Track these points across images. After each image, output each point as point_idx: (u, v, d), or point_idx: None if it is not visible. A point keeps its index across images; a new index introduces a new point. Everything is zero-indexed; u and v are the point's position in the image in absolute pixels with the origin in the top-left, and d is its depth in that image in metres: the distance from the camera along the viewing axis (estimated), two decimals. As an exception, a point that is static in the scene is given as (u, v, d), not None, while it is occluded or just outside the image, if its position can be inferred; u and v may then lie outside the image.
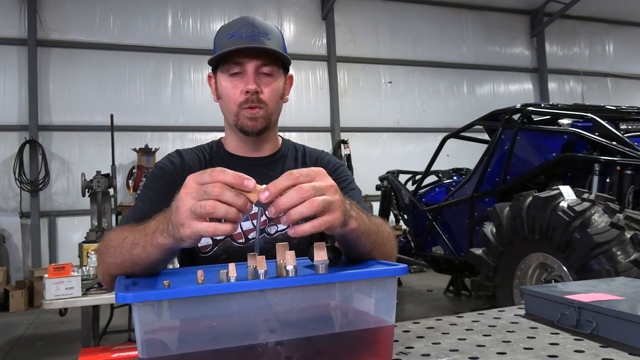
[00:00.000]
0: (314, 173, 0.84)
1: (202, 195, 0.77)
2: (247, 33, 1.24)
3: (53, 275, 3.04)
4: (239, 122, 1.28)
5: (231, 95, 1.27)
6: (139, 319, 0.73)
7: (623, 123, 4.26)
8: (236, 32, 1.25)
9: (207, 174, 0.79)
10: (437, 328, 1.11)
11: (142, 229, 0.93)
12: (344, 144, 10.19)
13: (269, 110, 1.29)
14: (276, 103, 1.32)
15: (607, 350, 0.91)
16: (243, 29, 1.25)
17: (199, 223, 0.78)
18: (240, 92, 1.26)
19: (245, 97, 1.26)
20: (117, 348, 3.12)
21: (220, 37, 1.29)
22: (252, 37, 1.23)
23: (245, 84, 1.25)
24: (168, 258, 0.94)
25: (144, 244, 0.91)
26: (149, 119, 9.63)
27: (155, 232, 0.88)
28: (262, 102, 1.27)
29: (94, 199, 5.72)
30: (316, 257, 0.83)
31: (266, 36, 1.26)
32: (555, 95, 12.84)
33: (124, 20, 9.68)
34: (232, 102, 1.28)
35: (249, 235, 1.28)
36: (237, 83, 1.27)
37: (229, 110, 1.30)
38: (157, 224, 0.89)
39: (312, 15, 11.11)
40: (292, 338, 0.80)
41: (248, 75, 1.25)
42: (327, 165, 1.39)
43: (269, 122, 1.31)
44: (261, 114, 1.28)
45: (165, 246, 0.88)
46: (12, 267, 8.60)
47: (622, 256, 3.08)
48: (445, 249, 5.59)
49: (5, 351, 5.28)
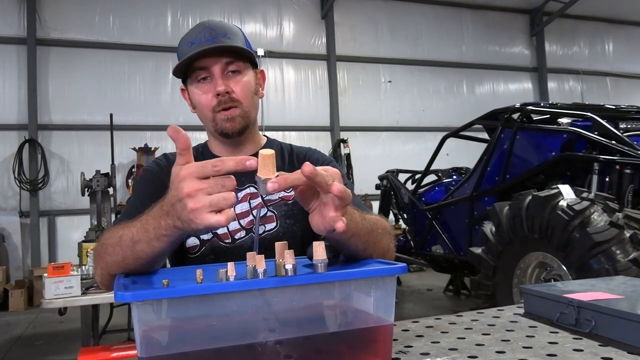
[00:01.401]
0: (329, 173, 0.84)
1: (219, 189, 0.77)
2: (205, 37, 1.24)
3: (52, 275, 3.05)
4: (218, 126, 1.28)
5: (203, 102, 1.27)
6: (138, 318, 0.73)
7: (622, 122, 4.26)
8: (195, 38, 1.25)
9: (209, 166, 0.78)
10: (437, 327, 1.12)
11: (139, 225, 0.93)
12: (344, 143, 10.19)
13: (245, 108, 1.28)
14: (250, 99, 1.30)
15: (606, 349, 0.92)
16: (201, 34, 1.25)
17: (212, 216, 0.78)
18: (211, 97, 1.25)
19: (217, 99, 1.25)
20: (116, 347, 3.13)
21: (181, 47, 1.28)
22: (211, 40, 1.23)
23: (214, 87, 1.25)
24: (173, 248, 0.95)
25: (147, 239, 0.90)
26: (149, 118, 9.63)
27: (158, 228, 0.88)
28: (235, 100, 1.26)
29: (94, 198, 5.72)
30: (315, 256, 0.83)
31: (225, 36, 1.25)
32: (554, 95, 12.83)
33: (124, 20, 9.67)
34: (205, 108, 1.27)
35: (235, 235, 1.28)
36: (206, 88, 1.26)
37: (205, 118, 1.30)
38: (157, 220, 0.89)
39: (312, 15, 11.11)
40: (291, 337, 0.80)
41: (215, 77, 1.25)
42: (317, 162, 1.38)
43: (248, 120, 1.30)
44: (238, 113, 1.27)
45: (172, 238, 0.89)
46: (12, 266, 8.60)
47: (622, 255, 3.09)
48: (444, 248, 5.60)
49: (4, 350, 5.28)
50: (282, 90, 10.53)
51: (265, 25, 10.64)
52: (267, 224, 1.30)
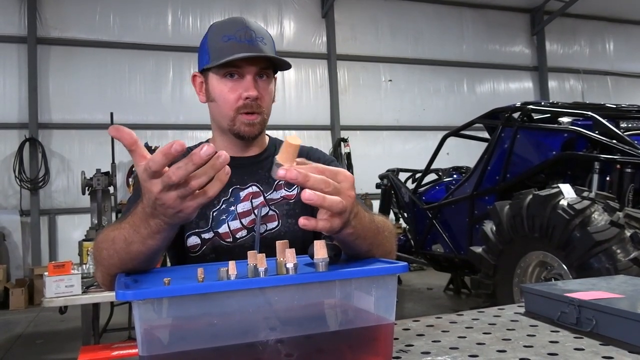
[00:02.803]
0: (341, 177, 0.85)
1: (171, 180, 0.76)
2: (245, 37, 1.23)
3: (53, 273, 3.05)
4: (235, 127, 1.27)
5: (228, 100, 1.26)
6: (139, 317, 0.73)
7: (623, 121, 4.26)
8: (233, 35, 1.24)
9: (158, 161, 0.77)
10: (437, 326, 1.12)
11: (128, 226, 0.93)
12: (344, 142, 10.19)
13: (265, 116, 1.30)
14: (270, 107, 1.32)
15: (607, 348, 0.91)
16: (241, 33, 1.24)
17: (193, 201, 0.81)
18: (237, 97, 1.25)
19: (244, 102, 1.25)
20: (117, 346, 3.13)
21: (214, 37, 1.27)
22: (250, 42, 1.23)
23: (244, 89, 1.24)
24: (168, 243, 0.97)
25: (141, 239, 0.91)
26: (149, 117, 9.63)
27: (149, 228, 0.89)
28: (260, 107, 1.27)
29: (94, 197, 5.72)
30: (316, 255, 0.83)
31: (262, 41, 1.25)
32: (555, 94, 12.83)
33: (124, 18, 9.67)
34: (228, 106, 1.26)
35: (237, 234, 1.28)
36: (234, 86, 1.25)
37: (223, 114, 1.28)
38: (145, 222, 0.89)
39: (312, 13, 11.10)
40: (292, 336, 0.80)
41: (247, 80, 1.25)
42: (318, 162, 1.38)
43: (264, 127, 1.31)
44: (259, 120, 1.28)
45: (166, 234, 0.90)
46: (12, 265, 8.61)
47: (622, 254, 3.09)
48: (445, 247, 5.60)
49: (5, 349, 5.28)
50: (282, 89, 10.52)
51: (266, 24, 10.63)
52: (269, 223, 1.30)
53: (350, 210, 0.86)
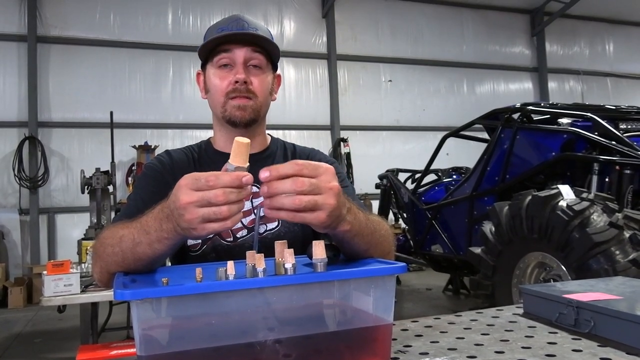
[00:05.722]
0: (321, 170, 0.84)
1: (208, 203, 0.79)
2: (236, 27, 1.25)
3: (52, 272, 3.04)
4: (227, 112, 1.27)
5: (219, 86, 1.27)
6: (137, 316, 0.73)
7: (623, 123, 4.26)
8: (225, 26, 1.26)
9: (202, 181, 0.80)
10: (436, 327, 1.12)
11: (139, 227, 0.93)
12: (344, 142, 10.19)
13: (258, 102, 1.29)
14: (265, 97, 1.31)
15: (605, 349, 0.92)
16: (233, 24, 1.26)
17: (210, 225, 0.81)
18: (228, 83, 1.26)
19: (234, 86, 1.25)
20: (115, 345, 3.13)
21: (209, 33, 1.30)
22: (241, 29, 1.25)
23: (234, 74, 1.25)
24: (174, 250, 0.97)
25: (149, 242, 0.91)
26: (149, 116, 9.62)
27: (160, 231, 0.89)
28: (251, 92, 1.27)
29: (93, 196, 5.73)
30: (315, 255, 0.83)
31: (255, 30, 1.27)
32: (555, 95, 12.83)
33: (124, 17, 9.66)
34: (219, 92, 1.27)
35: (237, 234, 1.28)
36: (225, 74, 1.27)
37: (216, 102, 1.29)
38: (158, 222, 0.89)
39: (313, 13, 11.10)
40: (290, 336, 0.80)
41: (237, 65, 1.26)
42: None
43: (258, 115, 1.30)
44: (250, 104, 1.27)
45: (174, 241, 0.91)
46: (11, 263, 8.61)
47: (621, 255, 3.09)
48: (444, 248, 5.59)
49: (3, 348, 5.28)
50: (282, 88, 10.47)
51: (266, 23, 10.62)
52: (269, 223, 1.30)
53: (341, 202, 0.86)
